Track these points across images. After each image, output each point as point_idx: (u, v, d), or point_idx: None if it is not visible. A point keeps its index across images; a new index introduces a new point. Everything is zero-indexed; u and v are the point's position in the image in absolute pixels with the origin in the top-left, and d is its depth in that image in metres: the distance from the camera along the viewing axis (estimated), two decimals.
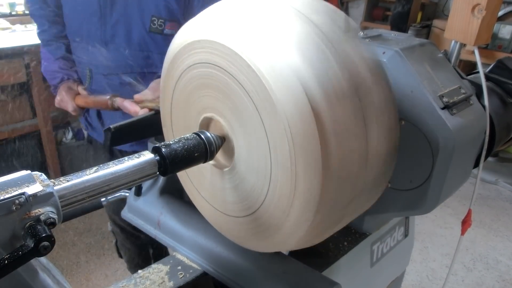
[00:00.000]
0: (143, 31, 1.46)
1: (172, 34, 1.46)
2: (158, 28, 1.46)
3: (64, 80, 1.66)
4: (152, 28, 1.46)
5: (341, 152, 0.63)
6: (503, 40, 3.88)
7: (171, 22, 1.47)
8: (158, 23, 1.45)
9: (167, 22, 1.46)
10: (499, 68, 1.18)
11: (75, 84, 1.66)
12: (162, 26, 1.46)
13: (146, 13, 1.43)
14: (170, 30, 1.48)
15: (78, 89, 1.65)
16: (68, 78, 1.66)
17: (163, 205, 1.02)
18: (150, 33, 1.46)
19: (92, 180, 0.59)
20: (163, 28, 1.47)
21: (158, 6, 1.43)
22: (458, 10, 0.99)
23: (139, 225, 1.04)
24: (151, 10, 1.43)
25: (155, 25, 1.45)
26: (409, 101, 0.85)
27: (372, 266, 1.15)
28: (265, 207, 0.71)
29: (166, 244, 0.99)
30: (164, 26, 1.46)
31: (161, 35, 1.48)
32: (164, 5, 1.42)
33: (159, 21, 1.45)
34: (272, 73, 0.62)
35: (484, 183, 4.03)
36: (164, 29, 1.47)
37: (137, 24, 1.45)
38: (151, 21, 1.44)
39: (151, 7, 1.43)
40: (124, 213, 1.10)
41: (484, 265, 3.02)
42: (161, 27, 1.46)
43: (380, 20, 5.25)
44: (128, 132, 1.02)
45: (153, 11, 1.43)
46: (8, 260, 0.49)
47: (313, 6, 0.70)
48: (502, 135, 1.09)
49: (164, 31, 1.47)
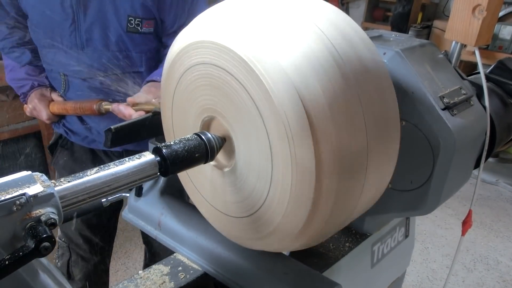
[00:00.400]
0: (121, 32, 1.44)
1: (149, 32, 1.48)
2: (136, 27, 1.45)
3: (34, 87, 1.61)
4: (130, 28, 1.44)
5: (341, 153, 0.63)
6: (503, 41, 3.87)
7: (147, 20, 1.45)
8: (135, 23, 1.44)
9: (144, 20, 1.45)
10: (500, 69, 1.18)
11: (47, 90, 1.61)
12: (140, 25, 1.45)
13: (122, 13, 1.41)
14: (147, 29, 1.47)
15: (52, 96, 1.61)
16: (39, 84, 1.61)
17: (163, 206, 1.02)
18: (127, 33, 1.45)
19: (92, 181, 0.59)
20: (141, 27, 1.45)
21: (133, 5, 1.41)
22: (459, 11, 0.99)
23: (140, 225, 1.04)
24: (127, 10, 1.41)
25: (132, 24, 1.44)
26: (409, 101, 0.85)
27: (372, 266, 1.15)
28: (265, 207, 0.71)
29: (167, 245, 0.99)
30: (142, 25, 1.45)
31: (139, 34, 1.46)
32: (140, 3, 1.41)
33: (136, 20, 1.44)
34: (273, 74, 0.62)
35: (484, 183, 4.03)
36: (142, 28, 1.46)
37: (113, 26, 1.43)
38: (128, 21, 1.43)
39: (126, 7, 1.41)
40: (125, 214, 1.10)
41: (484, 266, 3.01)
42: (138, 26, 1.45)
43: (381, 20, 5.25)
44: (129, 133, 1.02)
45: (129, 10, 1.42)
46: (9, 261, 0.49)
47: (314, 6, 0.70)
48: (503, 136, 1.08)
49: (141, 30, 1.46)
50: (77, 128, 1.65)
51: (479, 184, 1.07)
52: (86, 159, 1.73)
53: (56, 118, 1.64)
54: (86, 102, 1.49)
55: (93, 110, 1.47)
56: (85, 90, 1.53)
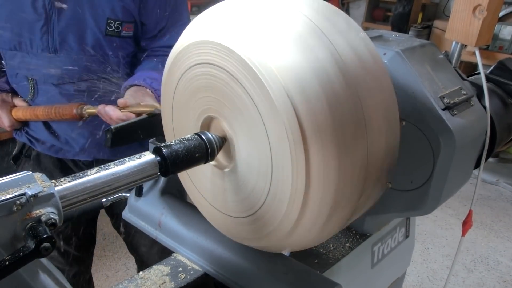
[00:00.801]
0: (99, 35, 1.37)
1: (128, 36, 1.42)
2: (115, 30, 1.38)
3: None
4: (109, 31, 1.37)
5: (341, 152, 0.63)
6: (504, 41, 3.88)
7: (127, 24, 1.40)
8: (115, 26, 1.38)
9: (124, 24, 1.39)
10: (500, 69, 1.18)
11: (8, 96, 1.50)
12: (119, 29, 1.39)
13: (101, 16, 1.35)
14: (126, 32, 1.41)
15: (15, 101, 1.50)
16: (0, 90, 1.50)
17: (164, 206, 1.02)
18: (106, 37, 1.38)
19: (93, 181, 0.59)
20: (120, 31, 1.39)
21: (114, 8, 1.35)
22: (459, 11, 0.99)
23: (140, 226, 1.04)
24: (107, 13, 1.35)
25: (112, 28, 1.37)
26: (410, 102, 0.85)
27: (373, 267, 1.15)
28: (266, 207, 0.71)
29: (167, 245, 0.99)
30: (121, 28, 1.39)
31: (118, 38, 1.40)
32: (121, 6, 1.36)
33: (115, 23, 1.37)
34: (273, 73, 0.62)
35: (485, 183, 4.03)
36: (121, 32, 1.39)
37: (91, 28, 1.36)
38: (107, 24, 1.36)
39: (106, 9, 1.35)
40: (125, 214, 1.09)
41: (484, 266, 3.01)
42: (118, 29, 1.39)
43: (381, 20, 5.25)
44: (129, 133, 1.02)
45: (108, 13, 1.35)
46: (9, 261, 0.49)
47: (314, 7, 0.70)
48: (503, 136, 1.09)
49: (121, 34, 1.40)
50: (42, 136, 1.55)
51: (480, 184, 1.07)
52: (53, 169, 1.62)
53: (19, 125, 1.54)
54: (64, 106, 1.39)
55: (73, 114, 1.36)
56: (56, 96, 1.44)
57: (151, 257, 1.76)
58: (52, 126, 1.52)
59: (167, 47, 1.48)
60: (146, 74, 1.40)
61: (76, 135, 1.50)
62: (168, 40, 1.49)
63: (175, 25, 1.49)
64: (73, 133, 1.49)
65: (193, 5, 4.49)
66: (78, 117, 1.37)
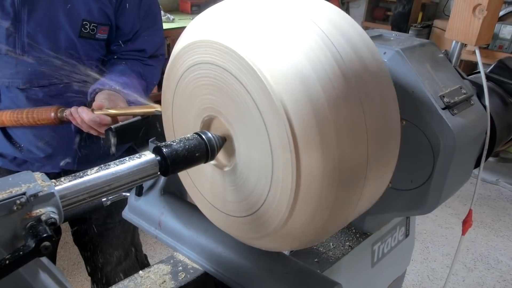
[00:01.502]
0: (73, 37, 1.31)
1: (103, 39, 1.37)
2: (90, 33, 1.33)
3: None
4: (83, 33, 1.32)
5: (342, 152, 0.63)
6: (504, 40, 3.88)
7: (103, 26, 1.35)
8: (90, 28, 1.32)
9: (99, 26, 1.34)
10: (500, 68, 1.18)
11: None
12: (94, 31, 1.33)
13: (76, 17, 1.29)
14: (101, 35, 1.36)
15: None
16: None
17: (164, 205, 1.01)
18: (80, 39, 1.32)
19: (93, 180, 0.59)
20: (95, 33, 1.34)
21: (90, 9, 1.30)
22: (459, 10, 0.99)
23: (140, 225, 1.04)
24: (82, 14, 1.30)
25: (87, 29, 1.32)
26: (410, 101, 0.85)
27: (373, 266, 1.15)
28: (266, 207, 0.71)
29: (167, 244, 0.99)
30: (97, 31, 1.34)
31: (93, 40, 1.35)
32: (98, 8, 1.31)
33: (91, 25, 1.32)
34: (274, 73, 0.62)
35: (485, 183, 4.03)
36: (96, 34, 1.34)
37: (64, 30, 1.29)
38: (82, 25, 1.30)
39: (82, 10, 1.29)
40: (125, 213, 1.09)
41: (485, 265, 3.01)
42: (93, 31, 1.33)
43: (381, 20, 5.25)
44: (129, 133, 1.02)
45: (84, 14, 1.30)
46: (9, 260, 0.49)
47: (315, 6, 0.70)
48: (503, 135, 1.09)
49: (96, 36, 1.35)
50: (2, 147, 1.44)
51: (479, 183, 1.07)
52: None
53: None
54: (39, 110, 1.28)
55: (51, 119, 1.26)
56: (22, 100, 1.34)
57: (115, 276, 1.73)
58: (13, 137, 1.42)
59: (137, 51, 1.46)
60: (115, 79, 1.34)
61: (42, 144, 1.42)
62: (139, 44, 1.46)
63: (148, 30, 1.46)
64: (38, 142, 1.41)
65: (193, 4, 4.50)
66: (57, 121, 1.28)
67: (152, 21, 1.47)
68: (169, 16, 4.04)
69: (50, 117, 1.26)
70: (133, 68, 1.43)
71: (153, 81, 1.54)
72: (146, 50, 1.47)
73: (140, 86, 1.41)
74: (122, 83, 1.32)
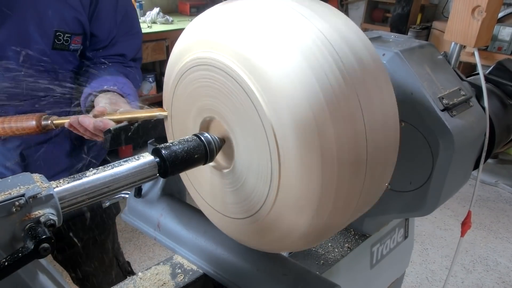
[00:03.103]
0: (45, 49, 1.23)
1: (77, 49, 1.30)
2: (64, 44, 1.25)
3: None
4: (57, 44, 1.24)
5: (341, 154, 0.63)
6: (503, 42, 3.88)
7: (77, 36, 1.28)
8: (64, 39, 1.25)
9: (73, 36, 1.26)
10: (499, 70, 1.19)
11: None
12: (68, 41, 1.26)
13: (48, 28, 1.21)
14: (76, 45, 1.29)
15: None
16: None
17: (163, 207, 1.02)
18: (53, 51, 1.24)
19: (92, 182, 0.59)
20: (69, 44, 1.27)
21: (64, 19, 1.22)
22: (458, 12, 0.99)
23: (139, 227, 1.04)
24: (54, 25, 1.21)
25: (60, 41, 1.24)
26: (409, 102, 0.85)
27: (371, 267, 1.15)
28: (265, 208, 0.71)
29: (166, 246, 0.99)
30: (70, 41, 1.27)
31: (67, 52, 1.28)
32: (72, 17, 1.24)
33: (65, 36, 1.24)
34: (273, 75, 0.62)
35: (483, 184, 4.03)
36: (70, 45, 1.27)
37: (36, 42, 1.21)
38: (55, 36, 1.23)
39: (54, 21, 1.21)
40: (124, 215, 1.09)
41: (483, 267, 3.01)
42: (67, 42, 1.26)
43: (380, 21, 5.25)
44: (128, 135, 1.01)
45: (56, 25, 1.22)
46: (8, 262, 0.49)
47: (313, 8, 0.70)
48: (502, 137, 1.09)
49: (70, 47, 1.27)
50: None
51: (478, 185, 1.07)
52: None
53: None
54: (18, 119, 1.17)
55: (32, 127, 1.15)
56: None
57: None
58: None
59: (119, 56, 1.41)
60: (113, 79, 1.28)
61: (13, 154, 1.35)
62: (119, 49, 1.41)
63: (126, 34, 1.42)
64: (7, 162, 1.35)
65: (192, 6, 4.50)
66: (40, 129, 1.16)
67: (129, 25, 1.43)
68: (168, 17, 4.04)
69: (31, 126, 1.15)
70: (119, 70, 1.38)
71: (138, 83, 1.47)
72: (126, 55, 1.43)
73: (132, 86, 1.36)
74: (121, 83, 1.27)
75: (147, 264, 2.87)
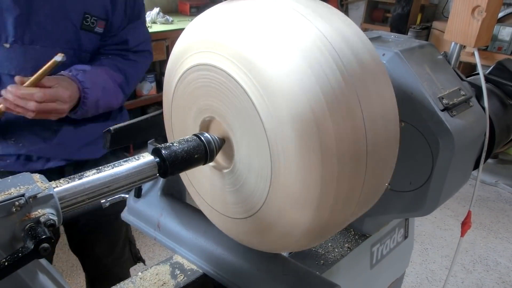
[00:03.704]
0: (75, 28, 1.35)
1: (100, 33, 1.41)
2: (90, 26, 1.37)
3: None
4: (85, 25, 1.36)
5: (341, 154, 0.63)
6: (503, 42, 3.88)
7: (101, 21, 1.39)
8: (90, 21, 1.37)
9: (98, 20, 1.38)
10: (499, 70, 1.19)
11: None
12: (94, 24, 1.38)
13: (79, 9, 1.34)
14: (100, 29, 1.40)
15: None
16: None
17: (163, 207, 1.01)
18: (81, 31, 1.36)
19: (92, 182, 0.59)
20: (95, 26, 1.38)
21: (91, 3, 1.35)
22: (458, 12, 0.99)
23: (139, 227, 1.04)
24: (84, 7, 1.34)
25: (88, 22, 1.36)
26: (409, 102, 0.85)
27: (371, 267, 1.15)
28: (265, 209, 0.71)
29: (166, 246, 0.99)
30: (96, 24, 1.38)
31: (93, 33, 1.39)
32: (100, 3, 1.36)
33: (92, 18, 1.36)
34: (273, 74, 0.62)
35: (483, 184, 4.03)
36: (96, 27, 1.39)
37: (69, 21, 1.33)
38: (84, 17, 1.35)
39: (83, 4, 1.34)
40: (124, 215, 1.09)
41: (483, 267, 3.02)
42: (93, 24, 1.38)
43: (380, 21, 5.25)
44: (128, 134, 1.01)
45: (86, 7, 1.34)
46: (8, 262, 0.49)
47: (313, 8, 0.70)
48: (502, 137, 1.09)
49: (95, 29, 1.39)
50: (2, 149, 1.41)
51: (478, 185, 1.07)
52: None
53: None
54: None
55: None
56: None
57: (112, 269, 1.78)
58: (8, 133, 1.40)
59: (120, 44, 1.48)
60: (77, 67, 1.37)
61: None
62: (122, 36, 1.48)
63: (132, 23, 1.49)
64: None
65: (191, 6, 4.50)
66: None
67: (136, 16, 1.50)
68: (168, 17, 4.04)
69: None
70: (110, 62, 1.46)
71: (134, 77, 1.54)
72: (128, 41, 1.49)
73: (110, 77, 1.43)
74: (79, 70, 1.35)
75: (147, 264, 2.87)
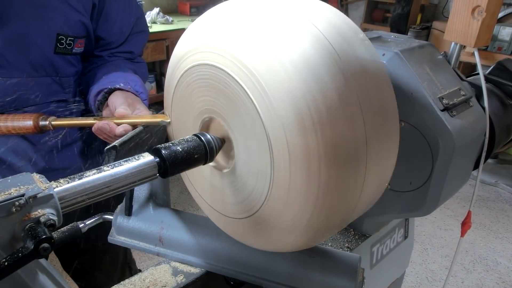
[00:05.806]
0: (47, 54, 1.16)
1: (80, 52, 1.25)
2: (67, 47, 1.19)
3: None
4: (59, 48, 1.17)
5: (341, 154, 0.63)
6: (503, 42, 3.88)
7: (80, 39, 1.21)
8: (66, 42, 1.18)
9: (76, 40, 1.20)
10: (499, 70, 1.19)
11: None
12: (71, 45, 1.19)
13: (51, 31, 1.14)
14: (78, 49, 1.23)
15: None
16: None
17: (162, 219, 0.96)
18: (56, 55, 1.18)
19: (92, 182, 0.59)
20: (72, 47, 1.20)
21: (67, 21, 1.15)
22: (458, 12, 0.99)
23: (135, 246, 0.97)
24: (57, 28, 1.14)
25: (63, 44, 1.18)
26: (409, 102, 0.85)
27: (371, 267, 1.15)
28: (265, 208, 0.71)
29: (172, 258, 0.95)
30: (73, 45, 1.20)
31: (70, 55, 1.22)
32: (76, 20, 1.17)
33: (67, 39, 1.18)
34: (272, 75, 0.62)
35: (483, 185, 4.03)
36: (73, 48, 1.20)
37: (38, 46, 1.14)
38: (58, 40, 1.16)
39: (57, 23, 1.14)
40: (112, 237, 0.99)
41: (483, 267, 3.01)
42: (69, 46, 1.19)
43: (380, 21, 5.26)
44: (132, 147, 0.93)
45: (59, 28, 1.14)
46: (8, 262, 0.49)
47: (312, 7, 0.70)
48: (502, 137, 1.09)
49: (73, 50, 1.21)
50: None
51: (478, 185, 1.07)
52: None
53: None
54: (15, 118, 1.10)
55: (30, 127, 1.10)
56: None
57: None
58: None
59: (126, 53, 1.37)
60: (123, 76, 1.21)
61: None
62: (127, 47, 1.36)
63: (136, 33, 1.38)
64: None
65: (192, 6, 4.50)
66: (37, 130, 1.11)
67: (140, 25, 1.40)
68: (168, 17, 4.04)
69: (28, 126, 1.10)
70: (128, 66, 1.33)
71: (144, 79, 1.42)
72: (134, 52, 1.41)
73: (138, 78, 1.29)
74: (133, 81, 1.19)
75: (147, 264, 2.87)
